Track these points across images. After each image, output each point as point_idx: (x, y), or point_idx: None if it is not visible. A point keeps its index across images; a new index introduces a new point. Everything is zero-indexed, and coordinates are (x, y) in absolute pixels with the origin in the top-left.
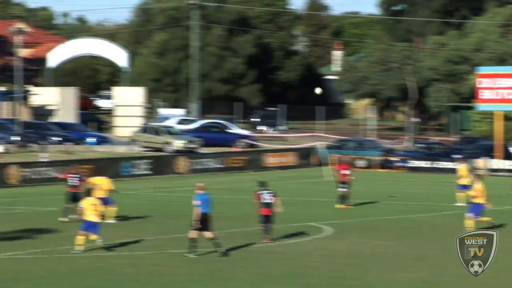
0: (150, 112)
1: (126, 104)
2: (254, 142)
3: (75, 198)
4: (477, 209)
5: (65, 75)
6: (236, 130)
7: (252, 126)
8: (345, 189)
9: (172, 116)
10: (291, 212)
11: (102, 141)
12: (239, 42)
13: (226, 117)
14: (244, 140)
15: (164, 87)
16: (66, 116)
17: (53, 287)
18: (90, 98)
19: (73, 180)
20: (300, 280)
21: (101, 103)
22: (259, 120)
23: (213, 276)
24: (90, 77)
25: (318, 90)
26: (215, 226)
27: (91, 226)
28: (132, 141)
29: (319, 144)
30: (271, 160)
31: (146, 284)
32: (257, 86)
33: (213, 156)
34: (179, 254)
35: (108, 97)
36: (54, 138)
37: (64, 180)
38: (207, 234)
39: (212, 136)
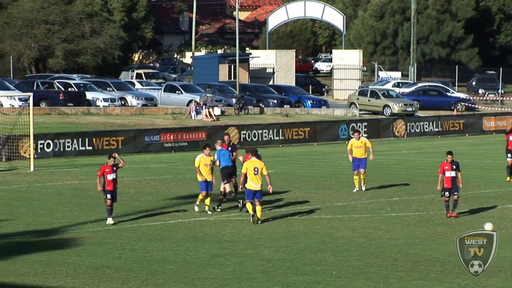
0: (367, 75)
1: (344, 67)
2: (473, 106)
3: None
4: None
5: (283, 38)
6: (454, 93)
7: (470, 90)
8: None
9: (390, 79)
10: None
11: (320, 104)
12: (458, 5)
13: (443, 80)
14: (462, 103)
15: (381, 50)
16: (284, 78)
17: (269, 249)
18: (308, 61)
19: None
20: None
21: (319, 66)
22: (478, 83)
23: (432, 239)
24: (308, 40)
25: None
26: (424, 189)
27: None
28: (349, 104)
29: None
30: (489, 124)
31: (364, 247)
32: (476, 49)
33: (431, 119)
34: (395, 218)
35: (326, 60)
36: (272, 101)
37: None
38: (227, 187)
39: (430, 99)
